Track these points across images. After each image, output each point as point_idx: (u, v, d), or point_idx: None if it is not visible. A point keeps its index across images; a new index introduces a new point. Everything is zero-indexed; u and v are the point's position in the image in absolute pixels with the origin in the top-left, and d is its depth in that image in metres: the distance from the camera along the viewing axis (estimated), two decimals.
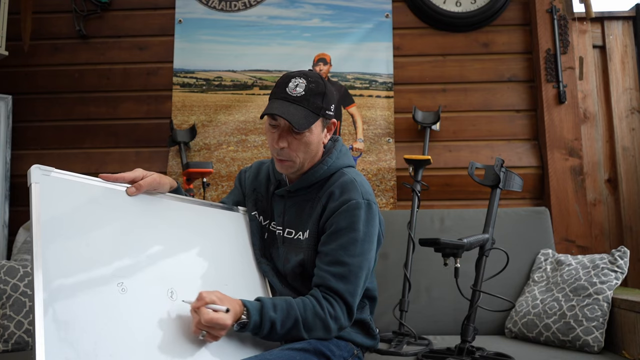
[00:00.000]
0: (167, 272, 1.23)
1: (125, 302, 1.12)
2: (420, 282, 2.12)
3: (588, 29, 2.71)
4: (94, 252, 1.14)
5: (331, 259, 1.31)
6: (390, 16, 2.70)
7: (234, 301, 1.18)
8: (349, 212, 1.33)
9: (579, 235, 2.43)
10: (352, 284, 1.30)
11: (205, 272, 1.31)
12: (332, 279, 1.29)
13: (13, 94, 2.67)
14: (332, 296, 1.28)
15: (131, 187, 1.26)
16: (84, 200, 1.18)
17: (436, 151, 2.58)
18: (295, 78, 1.33)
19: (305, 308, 1.25)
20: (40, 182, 1.12)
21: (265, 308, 1.20)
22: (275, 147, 1.35)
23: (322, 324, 1.26)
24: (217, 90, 2.70)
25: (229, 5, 2.74)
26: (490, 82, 2.66)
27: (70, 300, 1.05)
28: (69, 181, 1.18)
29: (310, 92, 1.31)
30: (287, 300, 1.26)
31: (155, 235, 1.27)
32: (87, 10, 2.74)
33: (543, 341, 1.82)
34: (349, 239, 1.31)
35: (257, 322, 1.19)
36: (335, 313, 1.27)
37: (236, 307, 1.18)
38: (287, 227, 1.42)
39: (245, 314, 1.19)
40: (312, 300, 1.27)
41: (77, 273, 1.09)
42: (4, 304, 1.79)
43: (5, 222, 2.52)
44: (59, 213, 1.13)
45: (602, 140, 2.67)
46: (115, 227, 1.20)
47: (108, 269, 1.14)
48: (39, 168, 1.14)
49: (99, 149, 2.69)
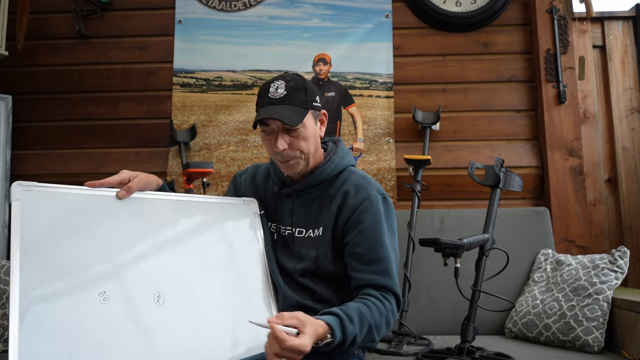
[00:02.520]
0: (153, 276, 1.20)
1: (107, 311, 1.10)
2: (420, 282, 2.12)
3: (588, 29, 2.71)
4: (76, 262, 1.12)
5: (370, 258, 1.33)
6: (390, 16, 2.70)
7: (317, 324, 1.13)
8: (372, 209, 1.35)
9: (579, 235, 2.43)
10: (394, 277, 1.34)
11: (195, 274, 1.27)
12: (378, 277, 1.31)
13: (13, 94, 2.67)
14: (386, 292, 1.31)
15: (121, 190, 1.24)
16: (67, 211, 1.16)
17: (436, 151, 2.58)
18: (274, 82, 1.35)
19: (372, 312, 1.26)
20: (22, 198, 1.12)
21: (345, 323, 1.19)
22: (275, 151, 1.35)
23: (386, 321, 1.29)
24: (217, 90, 2.70)
25: (229, 5, 2.74)
26: (490, 82, 2.66)
27: (48, 312, 1.04)
28: (52, 194, 1.16)
29: (291, 90, 1.32)
30: (356, 307, 1.24)
31: (144, 238, 1.23)
32: (87, 10, 2.74)
33: (543, 341, 1.82)
34: (378, 234, 1.34)
35: (340, 339, 1.18)
36: (393, 308, 1.31)
37: (319, 329, 1.13)
38: (297, 226, 1.42)
39: (330, 333, 1.16)
40: (375, 301, 1.28)
41: (55, 285, 1.08)
42: (4, 304, 1.79)
43: (5, 222, 2.52)
44: (40, 227, 1.11)
45: (602, 140, 2.67)
46: (100, 234, 1.18)
47: (89, 278, 1.12)
48: (20, 185, 1.14)
49: (99, 149, 2.69)
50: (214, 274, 1.30)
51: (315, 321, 1.13)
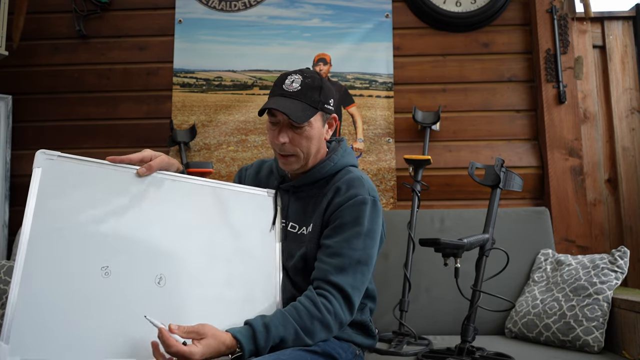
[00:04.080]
0: (159, 257, 1.19)
1: (108, 285, 1.12)
2: (420, 282, 2.12)
3: (588, 29, 2.71)
4: (84, 233, 1.13)
5: (332, 251, 1.30)
6: (390, 16, 2.70)
7: (221, 337, 1.11)
8: (355, 207, 1.32)
9: (579, 235, 2.42)
10: (352, 277, 1.28)
11: (202, 261, 1.25)
12: (333, 273, 1.27)
13: (13, 94, 2.67)
14: (329, 290, 1.26)
15: (142, 168, 1.24)
16: (85, 183, 1.17)
17: (436, 151, 2.58)
18: (291, 75, 1.35)
19: (300, 316, 1.21)
20: (43, 166, 1.13)
21: (258, 334, 1.15)
22: (276, 143, 1.35)
23: (321, 324, 1.22)
24: (217, 90, 2.70)
25: (229, 5, 2.74)
26: (490, 82, 2.66)
27: (49, 282, 1.07)
28: (73, 165, 1.18)
29: (306, 87, 1.32)
30: (279, 313, 1.21)
31: (156, 218, 1.22)
32: (87, 10, 2.74)
33: (543, 341, 1.82)
34: (353, 232, 1.31)
35: (252, 351, 1.14)
36: (334, 308, 1.24)
37: (220, 346, 1.10)
38: (291, 221, 1.42)
39: (239, 347, 1.13)
40: (306, 302, 1.23)
41: (62, 255, 1.10)
42: (4, 304, 1.79)
43: (5, 222, 2.52)
44: (56, 196, 1.13)
45: (602, 140, 2.67)
46: (113, 209, 1.18)
47: (95, 252, 1.13)
48: (43, 153, 1.15)
49: (99, 149, 2.69)
50: (221, 264, 1.28)
51: (218, 336, 1.11)
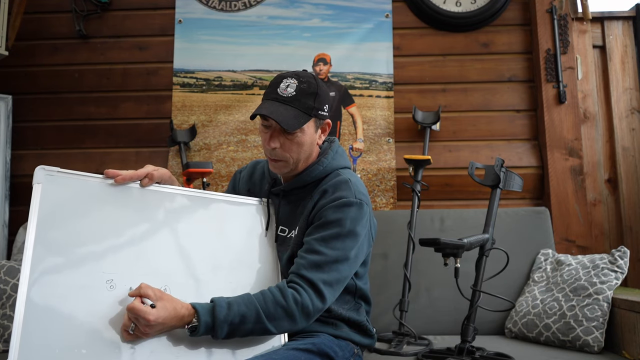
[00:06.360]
0: (162, 268, 1.22)
1: (113, 298, 1.14)
2: (420, 282, 2.12)
3: (588, 29, 2.71)
4: (87, 249, 1.15)
5: (310, 248, 1.29)
6: (390, 16, 2.70)
7: (180, 304, 1.13)
8: (338, 208, 1.31)
9: (579, 235, 2.43)
10: (327, 274, 1.26)
11: (204, 271, 1.28)
12: (307, 267, 1.25)
13: (13, 94, 2.67)
14: (300, 284, 1.24)
15: (145, 179, 1.27)
16: (86, 198, 1.19)
17: (436, 151, 2.58)
18: (287, 78, 1.32)
19: (265, 299, 1.20)
20: (43, 182, 1.15)
21: (218, 307, 1.15)
22: (267, 147, 1.35)
23: (284, 312, 1.20)
24: (217, 90, 2.70)
25: (229, 5, 2.74)
26: (490, 82, 2.66)
27: (55, 295, 1.08)
28: (73, 180, 1.19)
29: (301, 93, 1.30)
30: (246, 295, 1.21)
31: (157, 231, 1.26)
32: (87, 10, 2.74)
33: (543, 341, 1.82)
34: (333, 232, 1.29)
35: (208, 323, 1.14)
36: (302, 300, 1.21)
37: (182, 310, 1.13)
38: (281, 224, 1.42)
39: (196, 317, 1.14)
40: (274, 290, 1.22)
41: (66, 270, 1.11)
42: (4, 304, 1.79)
43: (5, 222, 2.52)
44: (57, 212, 1.14)
45: (602, 140, 2.67)
46: (115, 223, 1.20)
47: (99, 265, 1.15)
48: (43, 169, 1.16)
49: (99, 149, 2.69)
50: (223, 273, 1.30)
51: (176, 302, 1.14)
